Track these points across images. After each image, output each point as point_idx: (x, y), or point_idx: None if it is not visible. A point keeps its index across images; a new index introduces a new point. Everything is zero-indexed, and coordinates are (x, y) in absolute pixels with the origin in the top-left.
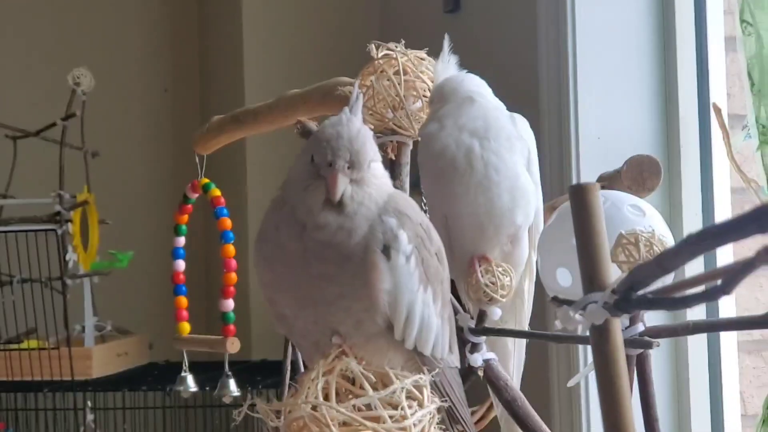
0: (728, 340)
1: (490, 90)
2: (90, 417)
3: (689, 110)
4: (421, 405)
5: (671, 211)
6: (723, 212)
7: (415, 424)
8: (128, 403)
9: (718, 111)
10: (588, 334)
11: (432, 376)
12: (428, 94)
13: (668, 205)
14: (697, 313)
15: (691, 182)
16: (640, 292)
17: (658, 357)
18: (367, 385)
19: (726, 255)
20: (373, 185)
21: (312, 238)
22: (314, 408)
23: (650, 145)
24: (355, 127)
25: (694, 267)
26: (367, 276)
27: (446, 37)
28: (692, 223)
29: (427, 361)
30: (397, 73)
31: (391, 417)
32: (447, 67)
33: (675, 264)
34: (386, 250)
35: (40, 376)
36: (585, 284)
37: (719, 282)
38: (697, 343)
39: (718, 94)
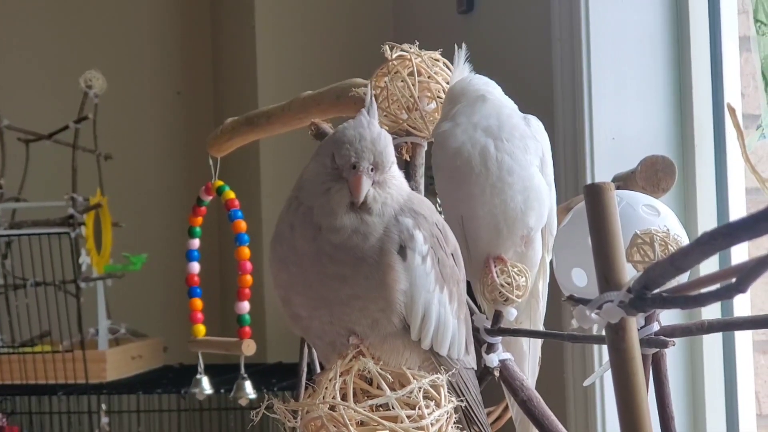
0: (743, 339)
1: (499, 89)
2: (104, 420)
3: (704, 110)
4: (438, 405)
5: (686, 211)
6: (738, 212)
7: (432, 424)
8: (143, 406)
9: (732, 111)
10: (603, 333)
11: (449, 376)
12: (442, 95)
13: (683, 206)
14: (712, 312)
15: (705, 183)
16: (655, 291)
17: (673, 356)
18: (384, 385)
19: (741, 255)
20: (393, 186)
21: (326, 239)
22: (332, 408)
23: (665, 146)
24: (376, 129)
25: (709, 266)
26: (382, 277)
27: (464, 46)
28: (707, 223)
29: (443, 361)
30: (411, 74)
31: (408, 417)
32: (462, 73)
33: (688, 263)
34: (402, 251)
35: (54, 380)
36: (600, 283)
37: (733, 280)
38: (713, 343)
39: (732, 94)
